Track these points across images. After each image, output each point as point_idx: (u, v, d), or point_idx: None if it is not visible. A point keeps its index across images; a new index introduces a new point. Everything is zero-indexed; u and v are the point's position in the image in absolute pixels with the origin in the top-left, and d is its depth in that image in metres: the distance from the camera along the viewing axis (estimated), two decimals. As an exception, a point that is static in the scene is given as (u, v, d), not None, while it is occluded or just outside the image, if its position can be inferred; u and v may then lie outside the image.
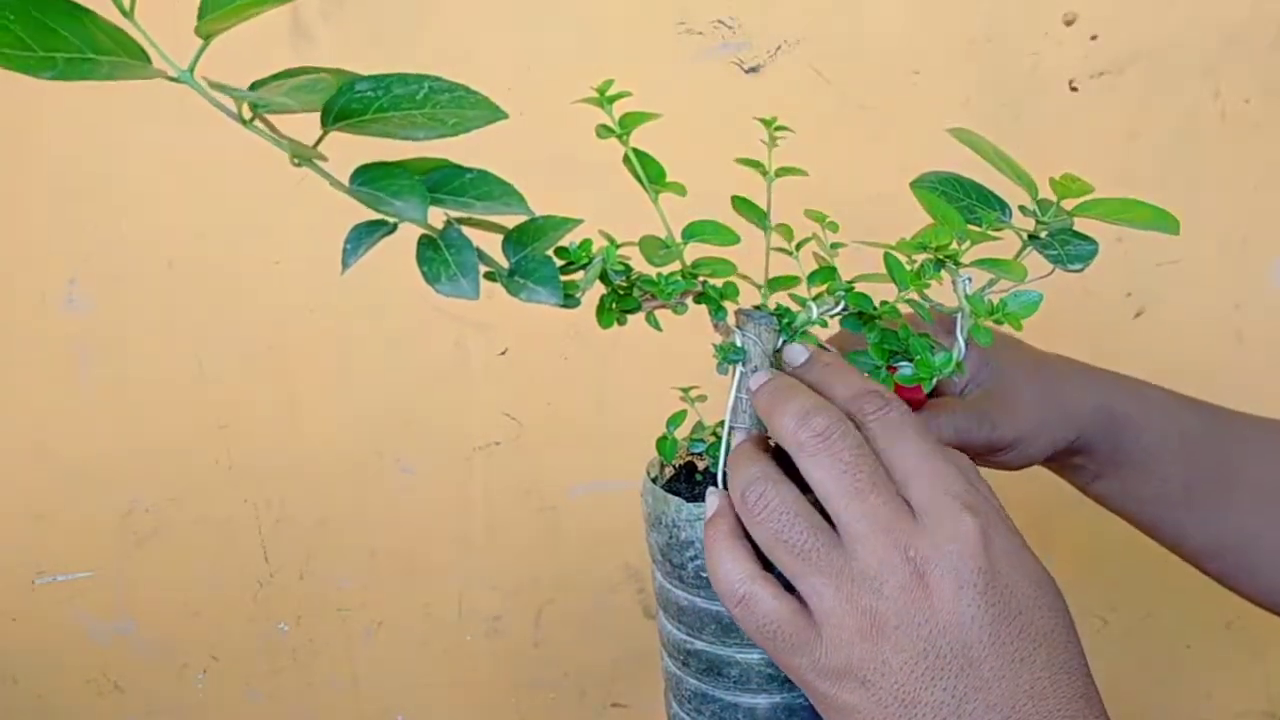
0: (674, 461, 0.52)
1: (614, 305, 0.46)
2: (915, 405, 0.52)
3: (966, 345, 0.49)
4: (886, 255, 0.46)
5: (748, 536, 0.44)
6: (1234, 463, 0.58)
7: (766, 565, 0.43)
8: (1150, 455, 0.57)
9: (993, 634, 0.40)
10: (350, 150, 0.37)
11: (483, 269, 0.38)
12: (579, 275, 0.43)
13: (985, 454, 0.54)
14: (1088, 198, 0.46)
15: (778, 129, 0.50)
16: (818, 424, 0.42)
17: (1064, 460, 0.58)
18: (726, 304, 0.48)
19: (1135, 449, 0.57)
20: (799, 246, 0.51)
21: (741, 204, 0.50)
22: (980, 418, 0.53)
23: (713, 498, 0.46)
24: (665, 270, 0.45)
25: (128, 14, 0.32)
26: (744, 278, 0.47)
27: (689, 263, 0.46)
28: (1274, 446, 0.58)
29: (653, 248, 0.44)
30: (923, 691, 0.40)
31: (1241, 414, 0.60)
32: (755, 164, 0.51)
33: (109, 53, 0.31)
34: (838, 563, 0.41)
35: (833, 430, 0.42)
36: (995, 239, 0.47)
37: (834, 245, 0.50)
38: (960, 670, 0.40)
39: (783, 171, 0.51)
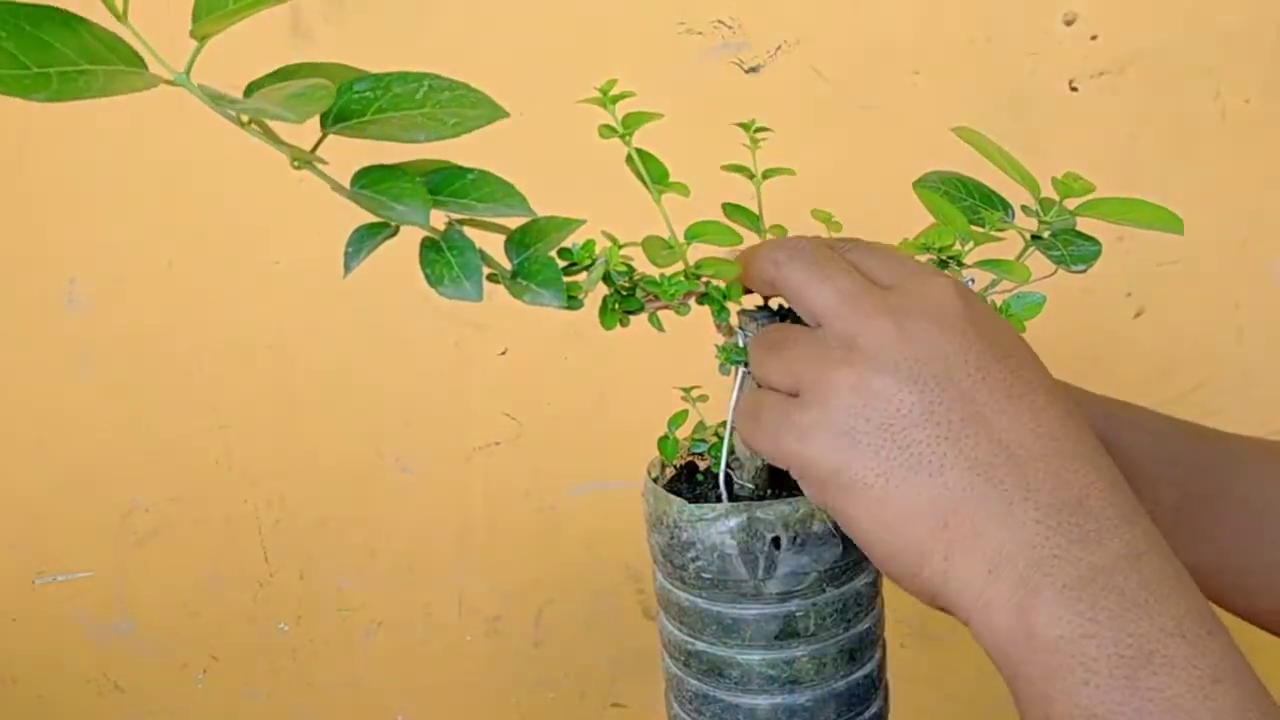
0: (675, 461, 0.52)
1: (617, 306, 0.46)
2: None
3: None
4: None
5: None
6: (1225, 484, 0.57)
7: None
8: (1141, 479, 0.56)
9: (981, 368, 0.38)
10: (352, 148, 0.37)
11: (485, 270, 0.38)
12: (582, 276, 0.43)
13: None
14: (1090, 197, 0.46)
15: (758, 130, 0.50)
16: (789, 244, 0.43)
17: None
18: (729, 304, 0.47)
19: (1126, 473, 0.57)
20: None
21: (734, 210, 0.50)
22: None
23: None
24: (668, 271, 0.45)
25: (121, 18, 0.31)
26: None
27: (692, 263, 0.46)
28: (1265, 466, 0.58)
29: (656, 248, 0.44)
30: (914, 430, 0.37)
31: (1232, 435, 0.59)
32: (742, 169, 0.50)
33: (104, 61, 0.31)
34: (813, 341, 0.40)
35: (803, 244, 0.42)
36: (998, 239, 0.47)
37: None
38: (953, 404, 0.37)
39: (770, 173, 0.50)
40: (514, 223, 0.39)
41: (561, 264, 0.41)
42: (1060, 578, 0.35)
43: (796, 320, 0.48)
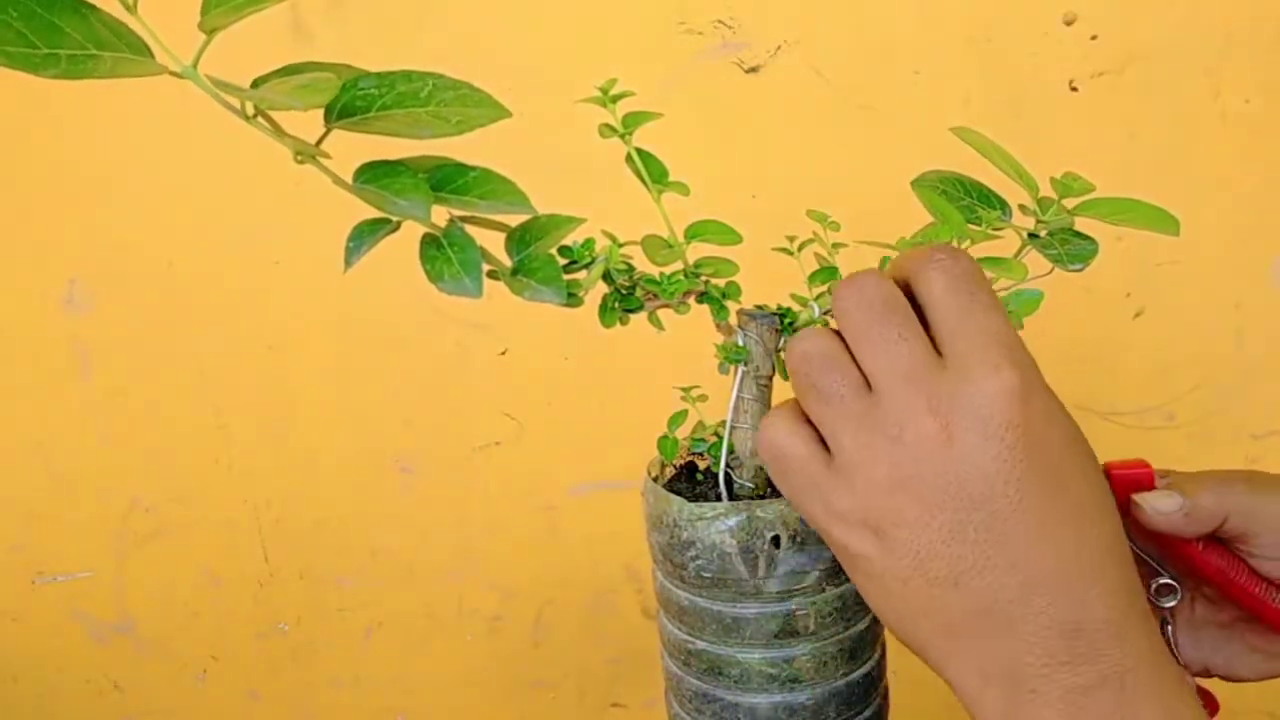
0: (675, 461, 0.52)
1: (616, 304, 0.46)
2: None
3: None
4: (884, 261, 0.46)
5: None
6: None
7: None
8: None
9: (1020, 490, 0.38)
10: (353, 148, 0.37)
11: (485, 268, 0.38)
12: (581, 274, 0.43)
13: None
14: (1088, 197, 0.47)
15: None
16: (854, 279, 0.41)
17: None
18: (729, 303, 0.48)
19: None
20: (801, 247, 0.51)
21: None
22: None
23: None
24: (668, 269, 0.45)
25: (131, 9, 0.32)
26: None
27: (691, 262, 0.46)
28: None
29: (655, 247, 0.44)
30: (940, 546, 0.38)
31: None
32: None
33: (112, 48, 0.31)
34: (859, 409, 0.40)
35: (864, 279, 0.41)
36: (996, 238, 0.47)
37: (835, 245, 0.50)
38: (982, 526, 0.38)
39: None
40: (515, 220, 0.39)
41: (561, 261, 0.42)
42: (1046, 694, 0.38)
43: (791, 317, 0.48)
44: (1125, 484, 0.49)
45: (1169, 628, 0.52)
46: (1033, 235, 0.48)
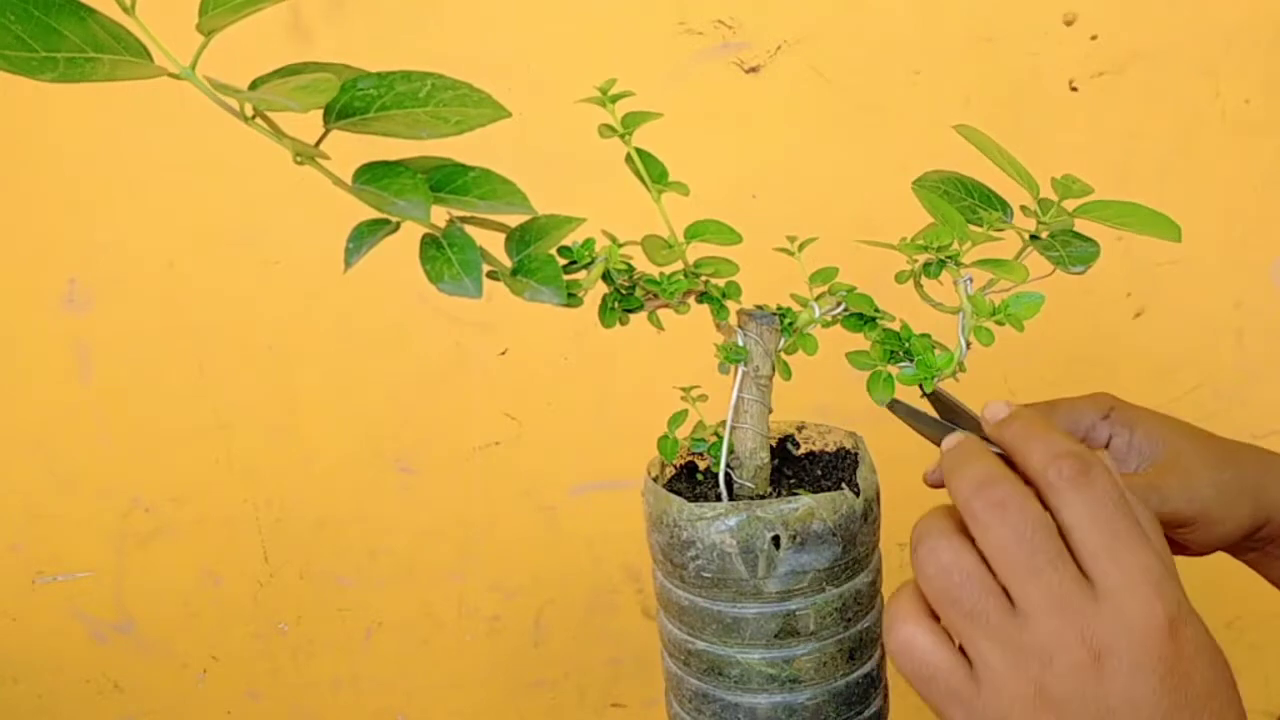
0: (675, 461, 0.52)
1: (616, 305, 0.46)
2: None
3: (969, 348, 0.48)
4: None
5: None
6: None
7: None
8: None
9: (1165, 717, 0.39)
10: (352, 148, 0.37)
11: (485, 268, 0.38)
12: (581, 275, 0.43)
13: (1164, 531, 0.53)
14: (1090, 199, 0.46)
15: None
16: (994, 494, 0.41)
17: (1259, 548, 0.57)
18: (729, 303, 0.48)
19: None
20: (802, 247, 0.51)
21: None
22: (1149, 489, 0.52)
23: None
24: (668, 270, 0.45)
25: (129, 10, 0.32)
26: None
27: (691, 262, 0.46)
28: None
29: (655, 247, 0.44)
30: None
31: None
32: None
33: (110, 51, 0.31)
34: (1008, 630, 0.40)
35: (1009, 501, 0.40)
36: (997, 239, 0.47)
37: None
38: None
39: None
40: (515, 220, 0.39)
41: (561, 262, 0.42)
42: None
43: (792, 317, 0.48)
44: None
45: None
46: (1034, 237, 0.48)
